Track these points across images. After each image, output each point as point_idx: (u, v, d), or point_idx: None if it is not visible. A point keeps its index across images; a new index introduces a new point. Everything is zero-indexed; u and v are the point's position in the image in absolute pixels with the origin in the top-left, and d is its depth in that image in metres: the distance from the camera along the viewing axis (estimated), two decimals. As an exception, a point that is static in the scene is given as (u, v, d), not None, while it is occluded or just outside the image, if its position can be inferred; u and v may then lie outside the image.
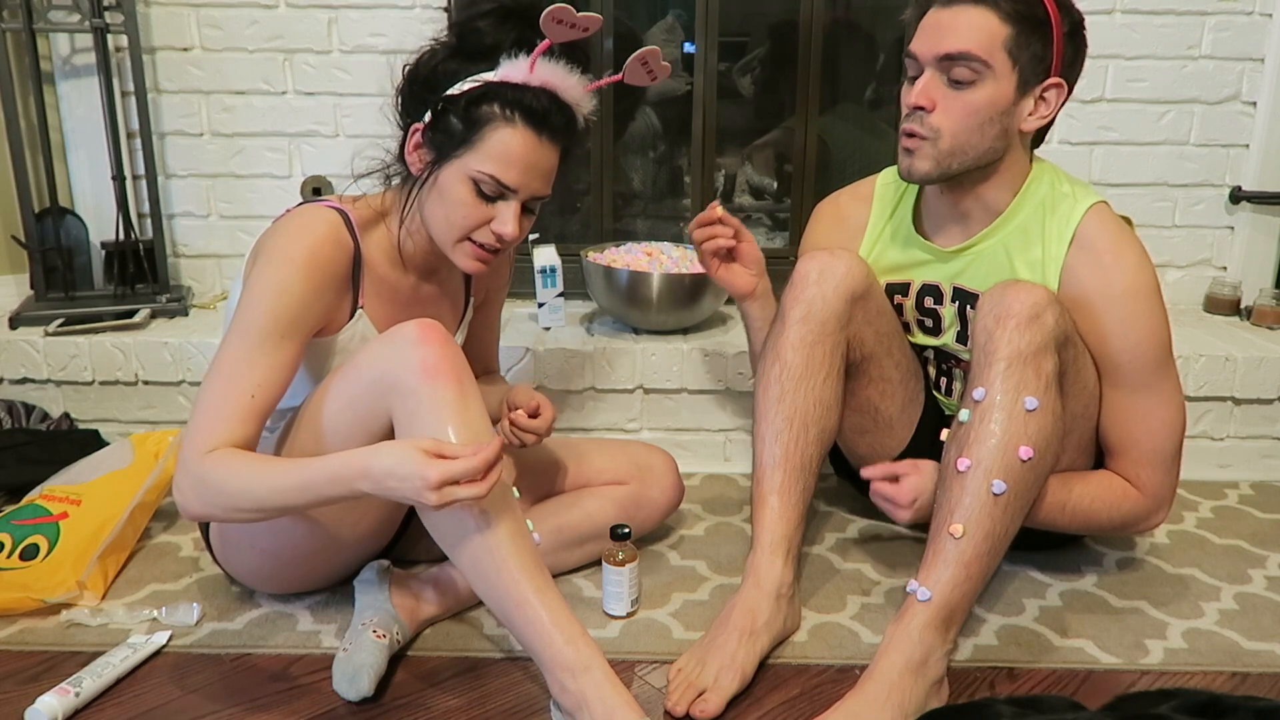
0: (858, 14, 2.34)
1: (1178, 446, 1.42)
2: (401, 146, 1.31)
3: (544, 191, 1.29)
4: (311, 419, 1.26)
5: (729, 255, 1.56)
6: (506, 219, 1.26)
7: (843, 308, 1.41)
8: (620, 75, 1.35)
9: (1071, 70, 1.36)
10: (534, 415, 1.47)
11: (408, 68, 1.31)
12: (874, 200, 1.55)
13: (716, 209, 1.51)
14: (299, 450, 1.26)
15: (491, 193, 1.25)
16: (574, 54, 1.27)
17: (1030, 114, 1.35)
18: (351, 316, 1.32)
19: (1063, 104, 1.36)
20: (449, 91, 1.25)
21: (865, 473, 1.40)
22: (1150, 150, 2.19)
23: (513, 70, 1.24)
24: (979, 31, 1.29)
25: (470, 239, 1.29)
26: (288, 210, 1.31)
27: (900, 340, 1.53)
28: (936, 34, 1.32)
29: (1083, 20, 1.35)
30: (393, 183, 1.36)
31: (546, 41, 1.22)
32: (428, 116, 1.27)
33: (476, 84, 1.24)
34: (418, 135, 1.28)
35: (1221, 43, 2.12)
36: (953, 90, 1.32)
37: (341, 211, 1.29)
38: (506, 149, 1.23)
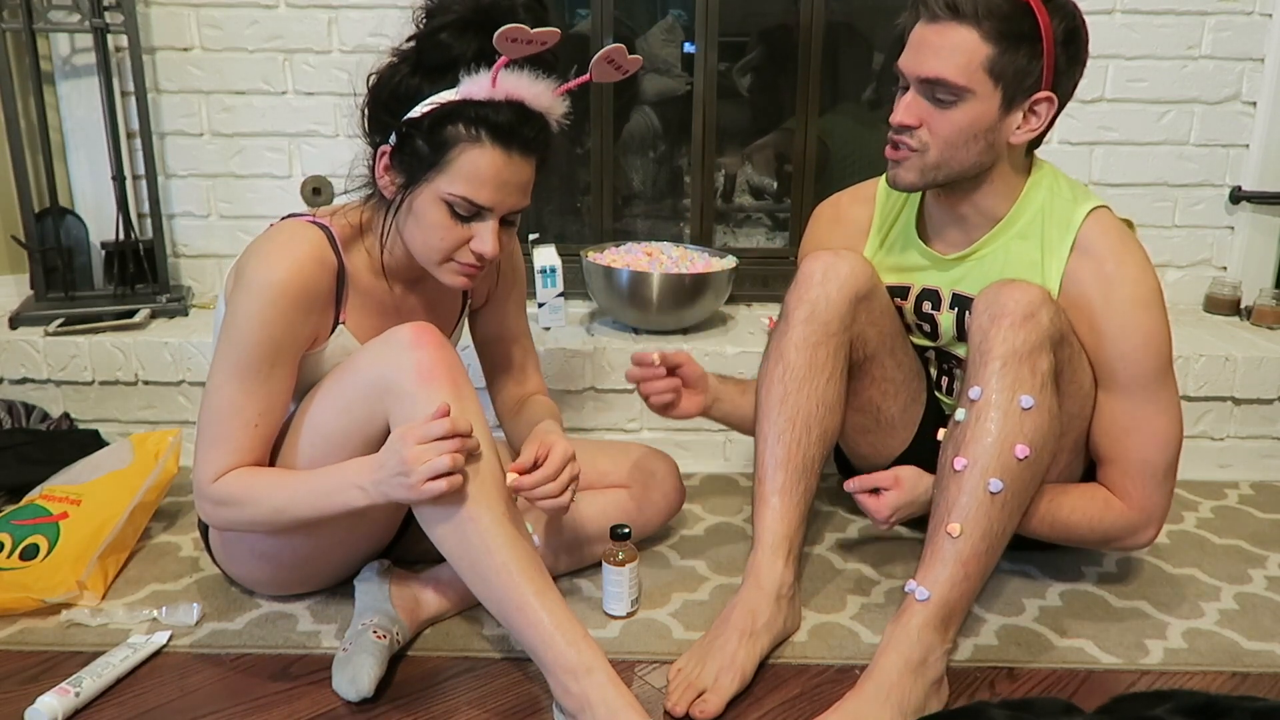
0: (858, 14, 2.33)
1: (1172, 461, 1.38)
2: (372, 166, 1.28)
3: (521, 204, 1.26)
4: (309, 424, 1.27)
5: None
6: (485, 238, 1.24)
7: (847, 308, 1.41)
8: (588, 75, 1.28)
9: (1068, 75, 1.33)
10: (534, 467, 1.28)
11: (371, 85, 1.26)
12: (877, 202, 1.54)
13: (653, 358, 1.48)
14: (297, 456, 1.27)
15: (466, 213, 1.22)
16: (540, 59, 1.21)
17: (1019, 127, 1.32)
18: (332, 331, 1.31)
19: (1056, 114, 1.33)
20: (411, 114, 1.21)
21: (847, 486, 1.41)
22: (1150, 150, 2.19)
23: (474, 87, 1.18)
24: (957, 54, 1.26)
25: (453, 259, 1.26)
26: (272, 224, 1.30)
27: (903, 340, 1.53)
28: (918, 54, 1.29)
29: (1082, 21, 1.31)
30: (371, 198, 1.32)
31: (505, 58, 1.18)
32: (393, 139, 1.23)
33: (438, 104, 1.20)
34: (385, 158, 1.25)
35: (1221, 43, 2.12)
36: (937, 108, 1.31)
37: (324, 227, 1.28)
38: (476, 169, 1.20)
